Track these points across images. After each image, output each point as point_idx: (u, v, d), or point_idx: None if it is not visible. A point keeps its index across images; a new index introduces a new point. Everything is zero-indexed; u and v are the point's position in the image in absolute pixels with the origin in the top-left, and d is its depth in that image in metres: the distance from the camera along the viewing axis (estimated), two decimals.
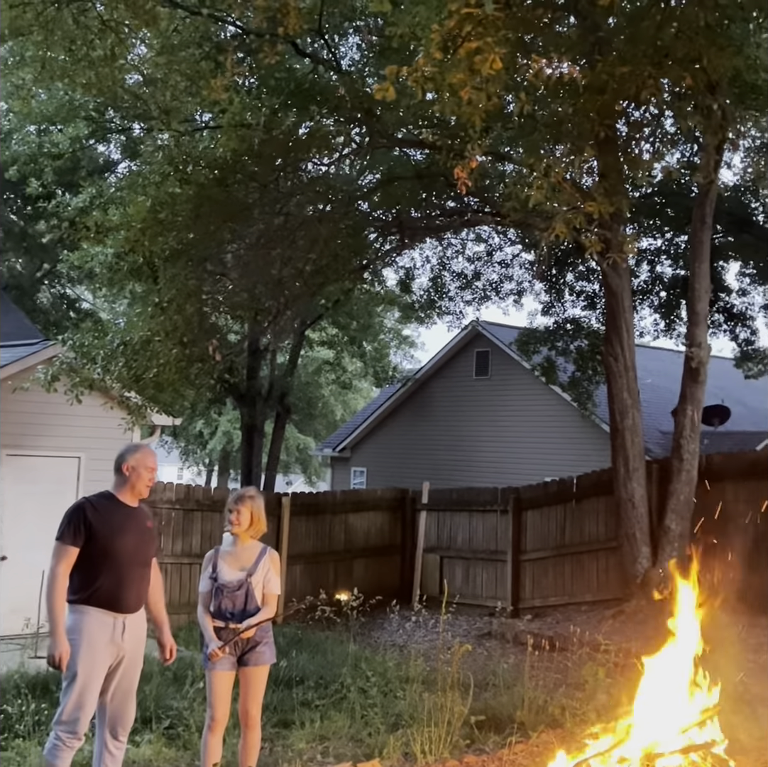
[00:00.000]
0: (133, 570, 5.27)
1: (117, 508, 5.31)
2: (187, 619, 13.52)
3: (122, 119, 18.66)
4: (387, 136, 12.85)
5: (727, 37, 9.06)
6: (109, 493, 5.38)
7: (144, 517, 5.47)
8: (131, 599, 5.26)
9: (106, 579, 5.16)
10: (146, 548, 5.43)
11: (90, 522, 5.16)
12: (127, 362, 11.84)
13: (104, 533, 5.18)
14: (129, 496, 5.36)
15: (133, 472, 5.32)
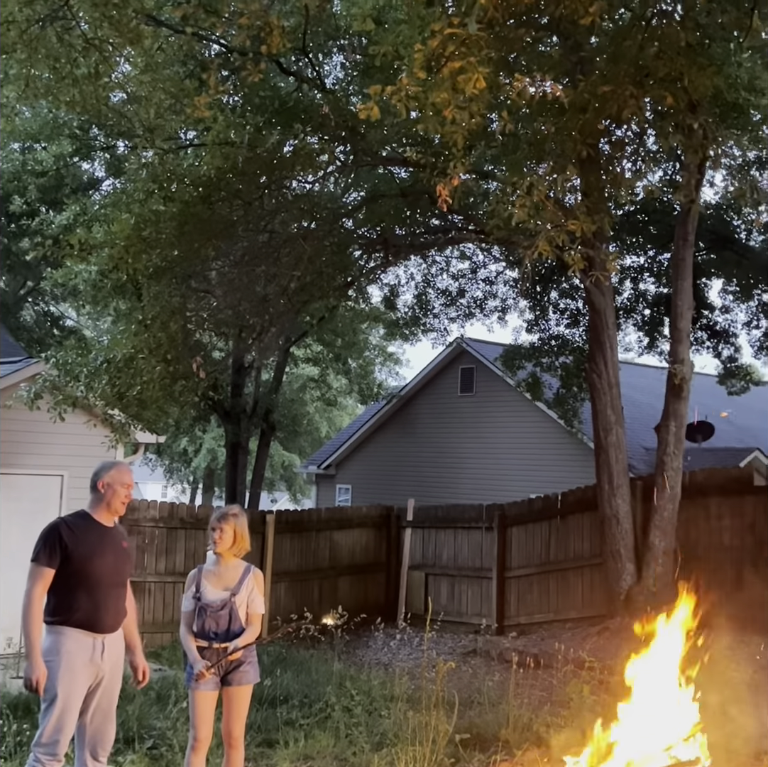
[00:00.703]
0: (111, 590, 5.22)
1: (93, 528, 5.26)
2: (170, 638, 13.45)
3: (106, 137, 18.70)
4: (371, 154, 12.91)
5: (707, 57, 9.15)
6: (85, 512, 5.32)
7: (120, 536, 5.42)
8: (109, 619, 5.22)
9: (84, 600, 5.11)
10: (123, 568, 5.38)
11: (66, 543, 5.10)
12: (110, 380, 11.80)
13: (80, 553, 5.12)
14: (105, 514, 5.30)
15: (109, 489, 5.27)
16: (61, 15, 9.54)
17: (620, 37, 8.69)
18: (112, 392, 11.85)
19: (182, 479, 41.52)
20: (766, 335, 18.43)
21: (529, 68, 9.20)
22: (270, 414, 24.32)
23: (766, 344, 18.54)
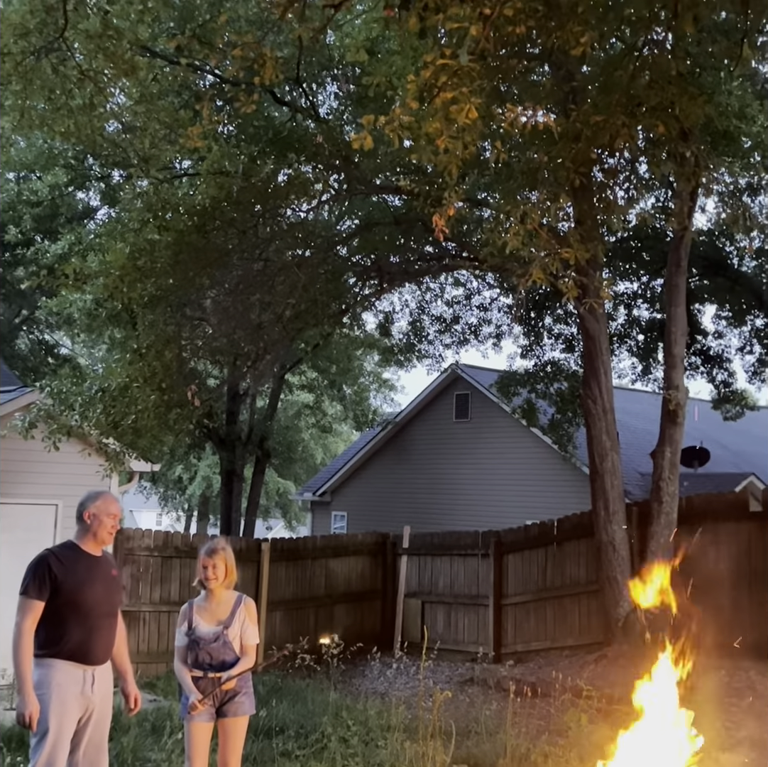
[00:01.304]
0: (101, 621, 5.19)
1: (81, 558, 5.23)
2: (165, 668, 13.35)
3: (101, 167, 18.79)
4: (365, 182, 12.97)
5: (698, 86, 9.24)
6: (72, 543, 5.30)
7: (109, 566, 5.39)
8: (100, 650, 5.18)
9: (74, 631, 5.08)
10: (113, 598, 5.35)
11: (55, 574, 5.07)
12: (105, 409, 11.78)
13: (69, 584, 5.09)
14: (92, 545, 5.28)
15: (95, 519, 5.25)
16: (57, 47, 9.60)
17: (612, 66, 8.77)
18: (106, 421, 11.82)
19: (177, 506, 41.41)
20: (760, 360, 18.48)
21: (522, 98, 9.27)
22: (265, 441, 24.31)
23: (760, 370, 18.59)
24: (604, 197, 9.76)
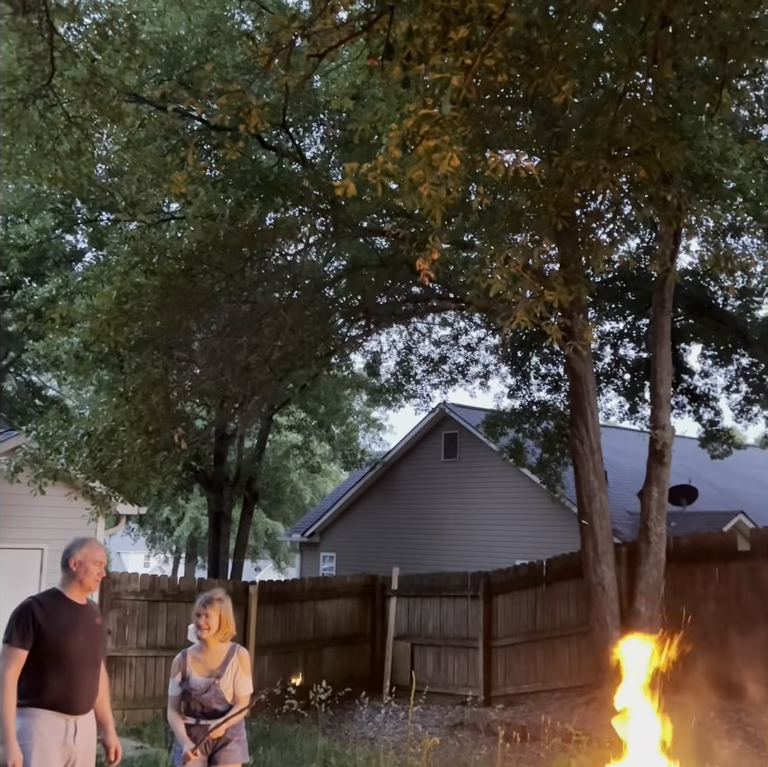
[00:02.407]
0: (84, 670, 5.14)
1: (65, 606, 5.18)
2: (152, 714, 13.21)
3: (89, 210, 18.86)
4: (351, 225, 13.06)
5: (679, 130, 9.35)
6: (57, 590, 5.25)
7: (93, 614, 5.34)
8: (83, 699, 5.12)
9: (57, 681, 5.02)
10: (96, 647, 5.30)
11: (39, 623, 5.02)
12: (91, 452, 11.76)
13: (53, 633, 5.04)
14: (77, 592, 5.23)
15: (81, 567, 5.21)
16: (44, 94, 9.67)
17: (593, 112, 8.87)
18: (92, 465, 11.80)
19: (165, 548, 41.14)
20: (746, 398, 18.56)
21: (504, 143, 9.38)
22: (253, 482, 24.23)
23: (746, 408, 18.66)
24: (587, 239, 9.85)
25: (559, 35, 7.21)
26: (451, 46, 5.44)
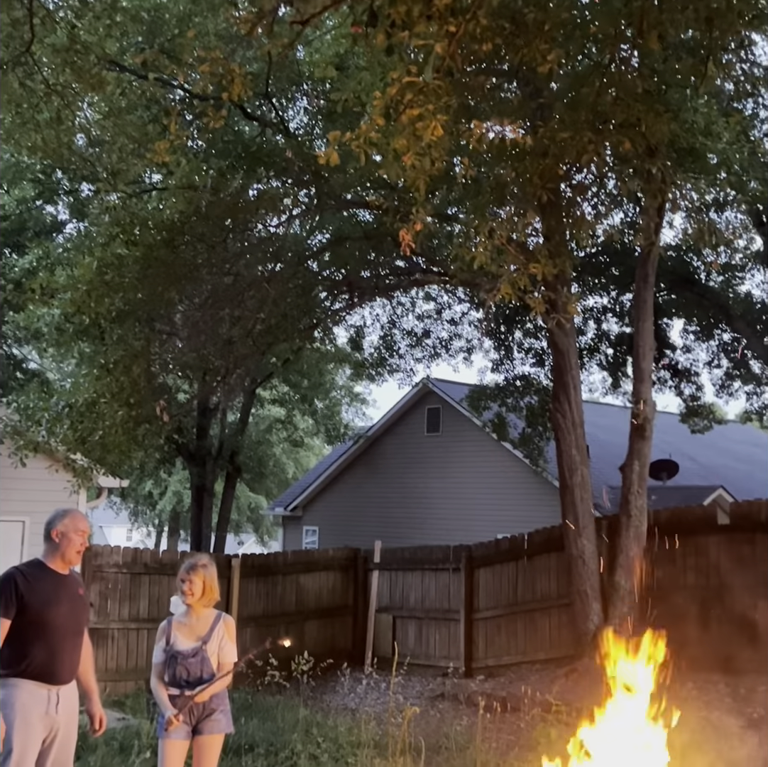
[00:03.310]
0: (66, 640, 5.13)
1: (48, 576, 5.16)
2: (134, 686, 13.23)
3: (70, 181, 18.69)
4: (335, 197, 12.99)
5: (664, 103, 9.32)
6: (39, 561, 5.23)
7: (75, 584, 5.33)
8: (65, 670, 5.12)
9: (39, 651, 5.01)
10: (79, 617, 5.29)
11: (21, 593, 5.00)
12: (72, 424, 11.71)
13: (35, 603, 5.03)
14: (60, 563, 5.21)
15: (63, 538, 5.19)
16: (23, 61, 9.55)
17: (578, 83, 8.84)
18: (74, 437, 11.75)
19: (147, 522, 41.11)
20: (727, 374, 18.64)
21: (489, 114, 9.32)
22: (236, 456, 24.20)
23: (727, 383, 18.74)
24: (572, 212, 9.82)
25: (544, 5, 7.17)
26: (436, 14, 5.39)
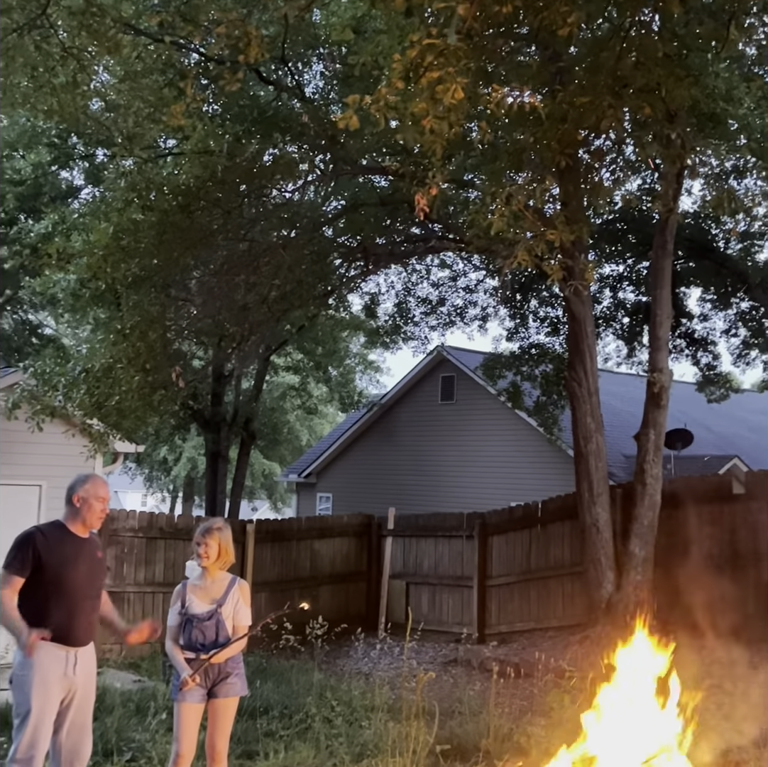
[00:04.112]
0: (84, 602, 5.19)
1: (67, 538, 5.21)
2: (150, 649, 13.35)
3: (85, 145, 18.64)
4: (351, 163, 12.90)
5: (685, 67, 9.19)
6: (60, 523, 5.28)
7: (94, 548, 5.38)
8: (82, 631, 5.17)
9: (57, 612, 5.07)
10: (97, 580, 5.35)
11: (39, 552, 5.06)
12: (89, 389, 11.73)
13: (54, 563, 5.08)
14: (80, 527, 5.26)
15: (84, 503, 5.23)
16: (39, 24, 9.50)
17: (598, 47, 8.72)
18: (90, 402, 11.78)
19: (162, 487, 41.37)
20: (744, 343, 18.54)
21: (508, 78, 9.22)
22: (250, 423, 24.25)
23: (744, 353, 18.65)
24: (590, 178, 9.74)
25: None
26: None
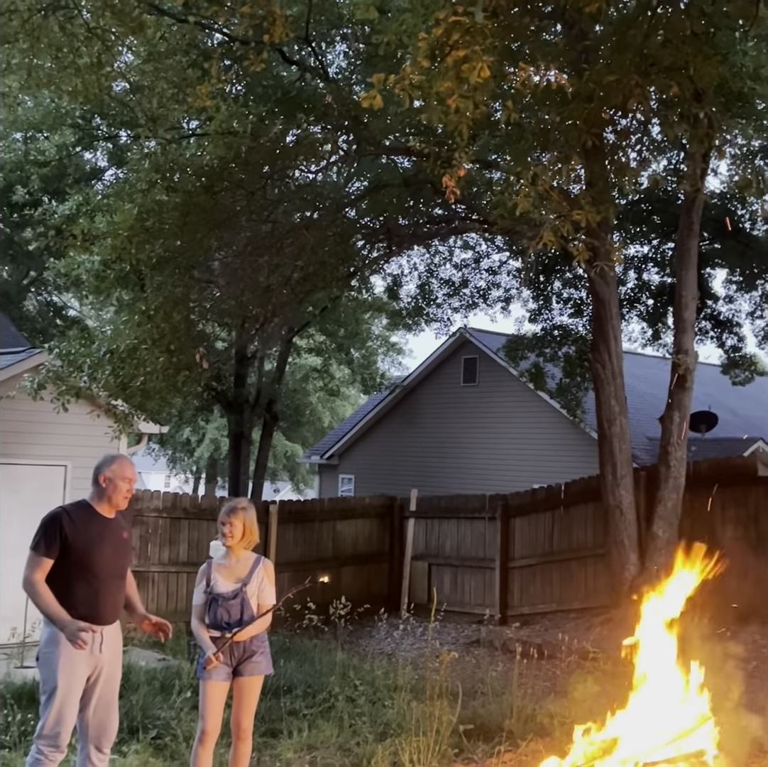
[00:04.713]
0: (110, 582, 5.22)
1: (93, 518, 5.23)
2: (174, 628, 13.44)
3: (109, 127, 18.67)
4: (374, 143, 12.85)
5: (713, 46, 9.10)
6: (86, 503, 5.30)
7: (120, 528, 5.40)
8: (108, 610, 5.21)
9: (83, 591, 5.10)
10: (122, 560, 5.37)
11: (66, 533, 5.08)
12: (113, 370, 11.79)
13: (80, 544, 5.11)
14: (106, 507, 5.28)
15: (110, 484, 5.24)
16: (63, 4, 9.51)
17: (625, 25, 8.64)
18: (115, 383, 11.84)
19: (185, 469, 41.59)
20: None
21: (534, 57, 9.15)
22: (273, 404, 24.32)
23: None
24: (616, 158, 9.66)
25: None
26: None
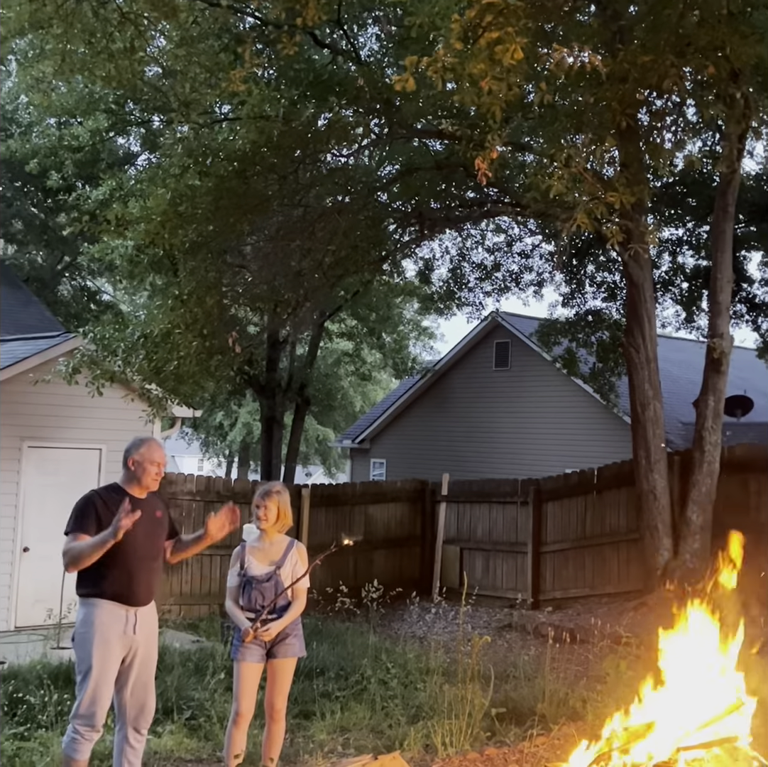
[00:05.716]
0: (143, 562, 5.25)
1: (124, 501, 5.25)
2: (208, 610, 13.60)
3: (142, 112, 18.73)
4: (406, 126, 12.81)
5: (750, 25, 8.97)
6: (117, 485, 5.35)
7: (153, 508, 5.41)
8: (142, 591, 5.25)
9: (116, 572, 5.13)
10: (156, 540, 5.41)
11: (99, 515, 5.13)
12: (147, 355, 11.87)
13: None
14: (137, 489, 5.32)
15: (139, 467, 5.29)
16: None
17: (660, 5, 8.53)
18: (149, 367, 11.93)
19: (218, 452, 41.84)
20: None
21: (567, 38, 9.06)
22: (305, 389, 24.38)
23: None
24: (651, 140, 9.56)
25: None
26: None
